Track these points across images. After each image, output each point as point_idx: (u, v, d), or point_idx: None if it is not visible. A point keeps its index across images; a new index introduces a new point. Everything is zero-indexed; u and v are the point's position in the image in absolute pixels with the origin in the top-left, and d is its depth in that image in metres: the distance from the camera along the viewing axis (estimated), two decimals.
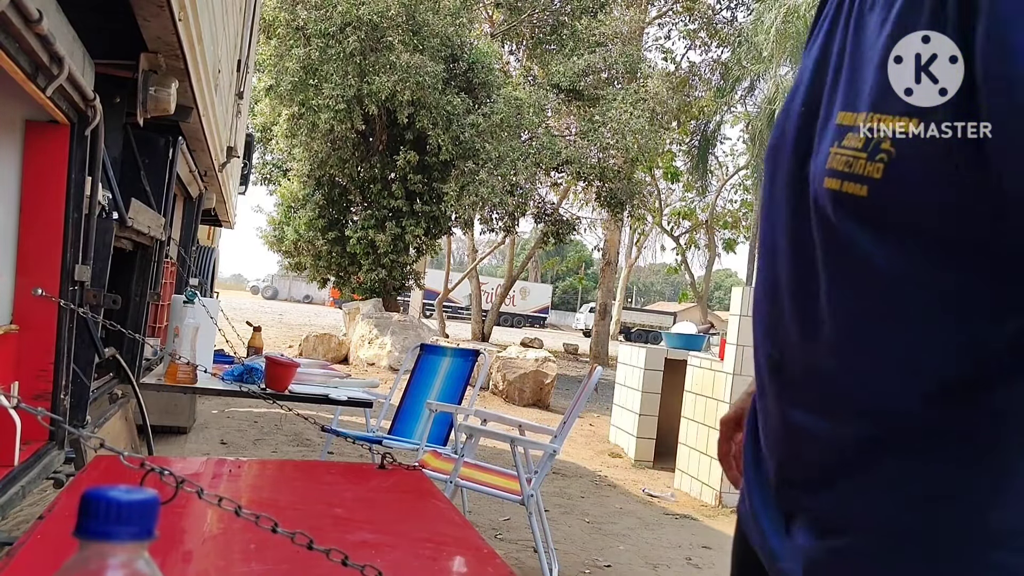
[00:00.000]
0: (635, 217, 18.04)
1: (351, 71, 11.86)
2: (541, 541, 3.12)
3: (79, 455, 1.85)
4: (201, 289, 4.15)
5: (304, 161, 13.76)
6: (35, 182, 1.66)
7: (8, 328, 1.63)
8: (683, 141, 21.28)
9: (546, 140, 14.09)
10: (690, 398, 5.83)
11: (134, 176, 2.63)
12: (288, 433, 6.04)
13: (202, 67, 2.36)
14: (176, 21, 1.79)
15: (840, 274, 0.67)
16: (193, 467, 1.64)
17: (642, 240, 30.16)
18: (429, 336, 11.83)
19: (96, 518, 0.48)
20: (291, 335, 14.79)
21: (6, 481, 1.44)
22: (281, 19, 12.15)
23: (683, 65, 20.68)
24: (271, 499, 1.43)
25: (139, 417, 2.87)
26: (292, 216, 14.73)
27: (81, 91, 1.57)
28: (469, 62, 13.45)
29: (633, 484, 5.71)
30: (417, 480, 1.60)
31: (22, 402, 1.02)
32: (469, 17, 14.09)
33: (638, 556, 3.89)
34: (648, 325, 35.04)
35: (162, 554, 1.04)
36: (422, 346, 4.40)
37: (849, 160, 0.64)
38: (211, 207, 4.97)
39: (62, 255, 1.68)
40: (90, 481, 1.35)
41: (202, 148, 3.32)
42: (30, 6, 1.13)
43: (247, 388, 2.79)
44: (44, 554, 0.96)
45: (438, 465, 3.33)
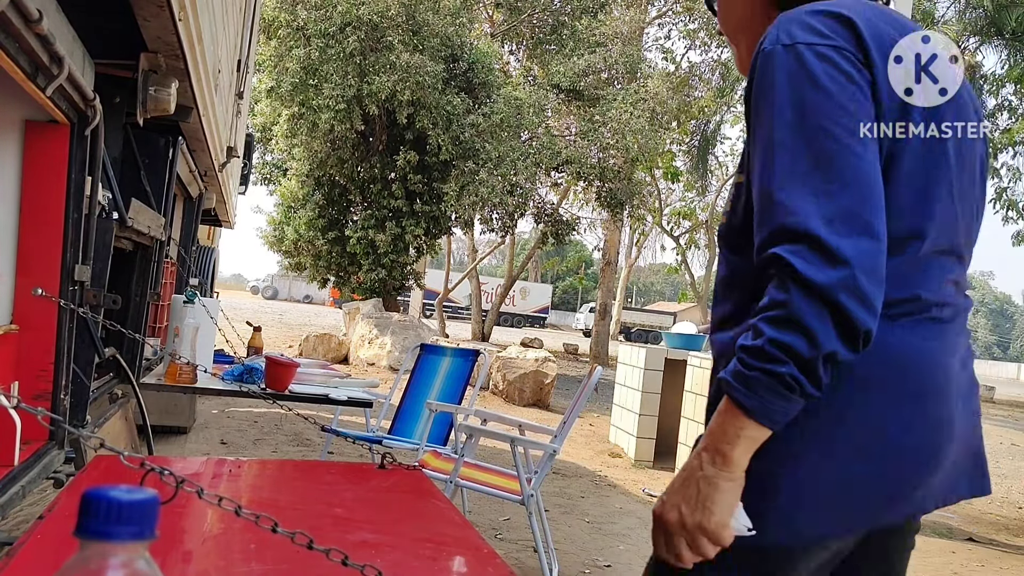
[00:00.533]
0: (635, 217, 18.04)
1: (351, 71, 11.86)
2: (541, 541, 3.12)
3: (79, 455, 1.85)
4: (201, 289, 4.16)
5: (304, 161, 13.77)
6: (35, 182, 1.66)
7: (8, 328, 1.63)
8: (683, 141, 21.28)
9: (546, 140, 14.09)
10: (690, 398, 5.83)
11: (134, 176, 2.63)
12: (288, 433, 6.04)
13: (202, 67, 2.36)
14: (176, 21, 1.79)
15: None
16: (193, 467, 1.64)
17: (642, 240, 30.17)
18: (429, 336, 11.83)
19: (96, 518, 0.48)
20: (291, 335, 14.79)
21: (6, 481, 1.45)
22: (281, 19, 12.15)
23: (683, 65, 20.67)
24: (271, 499, 1.43)
25: (139, 417, 2.87)
26: (292, 216, 14.73)
27: (81, 91, 1.57)
28: (469, 62, 13.45)
29: (633, 484, 5.71)
30: (417, 480, 1.60)
31: (22, 402, 1.02)
32: (469, 17, 14.10)
33: (638, 556, 3.89)
34: (648, 325, 35.05)
35: (162, 554, 1.04)
36: (422, 346, 4.40)
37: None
38: (211, 207, 4.97)
39: (62, 255, 1.68)
40: (90, 481, 1.35)
41: (202, 148, 3.32)
42: (30, 6, 1.13)
43: (247, 388, 2.79)
44: (44, 554, 0.96)
45: (438, 465, 3.33)
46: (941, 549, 4.74)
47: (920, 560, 4.41)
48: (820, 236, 0.90)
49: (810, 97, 0.97)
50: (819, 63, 0.98)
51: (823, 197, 0.93)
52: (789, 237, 0.92)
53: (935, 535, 5.11)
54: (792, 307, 0.90)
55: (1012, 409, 19.00)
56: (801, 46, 0.99)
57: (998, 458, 9.93)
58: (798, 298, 0.90)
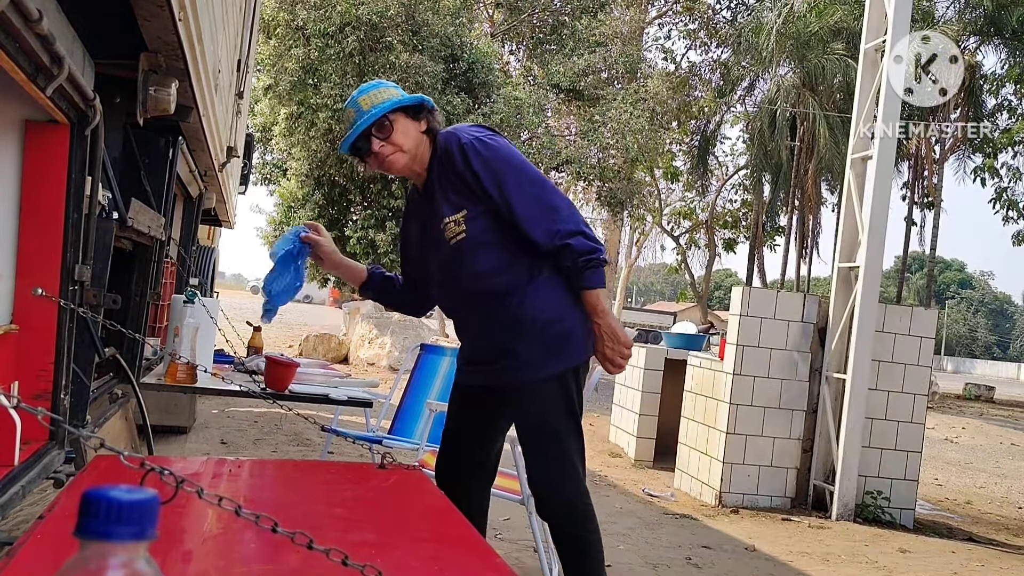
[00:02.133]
0: (635, 217, 18.06)
1: (350, 71, 11.86)
2: (541, 541, 3.11)
3: (79, 455, 1.85)
4: (201, 289, 4.15)
5: (303, 161, 13.76)
6: (35, 182, 1.66)
7: (8, 328, 1.63)
8: (683, 141, 21.28)
9: (546, 140, 14.09)
10: (690, 398, 5.83)
11: (134, 176, 2.63)
12: (288, 433, 6.04)
13: (202, 67, 2.36)
14: (176, 21, 1.79)
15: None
16: (193, 467, 1.64)
17: (642, 240, 30.14)
18: (429, 336, 11.83)
19: (96, 518, 0.48)
20: (291, 335, 14.79)
21: (6, 481, 1.44)
22: (280, 19, 12.15)
23: (683, 65, 20.67)
24: (271, 499, 1.43)
25: (139, 417, 2.87)
26: (292, 216, 14.73)
27: (81, 91, 1.57)
28: (469, 62, 13.45)
29: (633, 484, 5.71)
30: (417, 480, 1.60)
31: (22, 402, 1.02)
32: (469, 17, 14.09)
33: (638, 556, 3.89)
34: (648, 325, 35.04)
35: (162, 554, 1.04)
36: (422, 346, 4.40)
37: None
38: (211, 207, 4.97)
39: (62, 255, 1.68)
40: (90, 481, 1.35)
41: (202, 148, 3.32)
42: (30, 6, 1.13)
43: (247, 388, 2.79)
44: (44, 554, 0.96)
45: None
46: (941, 549, 4.74)
47: (920, 560, 4.41)
48: (584, 230, 2.06)
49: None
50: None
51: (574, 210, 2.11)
52: (573, 232, 2.03)
53: (935, 535, 5.11)
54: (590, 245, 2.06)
55: (1012, 409, 18.99)
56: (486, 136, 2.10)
57: (998, 458, 9.93)
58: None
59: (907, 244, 21.09)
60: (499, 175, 2.00)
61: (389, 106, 2.04)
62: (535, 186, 2.03)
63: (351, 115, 2.08)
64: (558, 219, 2.00)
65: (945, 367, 54.98)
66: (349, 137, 2.06)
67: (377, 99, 2.05)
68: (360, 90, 2.11)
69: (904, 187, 20.98)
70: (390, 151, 2.05)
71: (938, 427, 11.95)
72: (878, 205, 5.32)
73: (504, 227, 2.04)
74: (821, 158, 18.52)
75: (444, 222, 2.06)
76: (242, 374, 3.15)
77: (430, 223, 2.12)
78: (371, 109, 2.03)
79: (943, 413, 14.69)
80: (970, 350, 67.83)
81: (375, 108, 2.03)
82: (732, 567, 3.84)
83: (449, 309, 2.27)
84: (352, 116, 2.07)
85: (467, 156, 2.01)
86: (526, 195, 2.00)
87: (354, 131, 2.04)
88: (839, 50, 17.94)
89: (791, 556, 4.17)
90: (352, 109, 2.08)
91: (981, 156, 19.89)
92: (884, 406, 5.40)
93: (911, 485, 5.40)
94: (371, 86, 2.12)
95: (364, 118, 2.03)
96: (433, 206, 2.11)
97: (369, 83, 2.16)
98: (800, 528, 4.85)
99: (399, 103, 2.05)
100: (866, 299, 5.26)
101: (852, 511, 5.15)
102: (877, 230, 5.32)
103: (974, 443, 11.11)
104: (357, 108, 2.06)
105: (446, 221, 2.05)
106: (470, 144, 2.02)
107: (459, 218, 2.04)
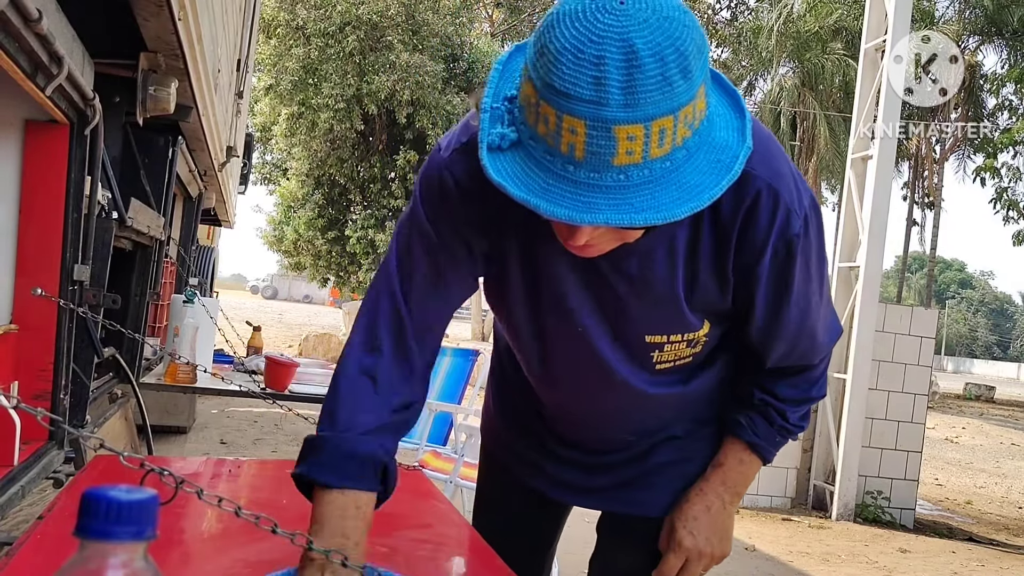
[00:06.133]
0: None
1: (350, 70, 11.86)
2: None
3: (79, 455, 1.85)
4: (201, 289, 4.15)
5: (303, 160, 13.76)
6: (35, 182, 1.66)
7: (8, 328, 1.63)
8: None
9: None
10: None
11: (134, 176, 2.63)
12: (288, 433, 6.04)
13: (202, 67, 2.36)
14: (176, 20, 1.79)
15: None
16: (193, 467, 1.64)
17: None
18: None
19: (96, 518, 0.48)
20: (291, 335, 14.78)
21: (6, 481, 1.44)
22: (281, 19, 12.15)
23: None
24: (271, 499, 1.43)
25: (139, 417, 2.87)
26: (292, 216, 14.73)
27: (81, 91, 1.57)
28: (469, 62, 13.45)
29: None
30: (417, 480, 1.60)
31: (22, 402, 1.02)
32: (469, 17, 14.10)
33: None
34: None
35: (162, 554, 1.04)
36: None
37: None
38: (211, 207, 4.97)
39: (61, 255, 1.68)
40: (90, 481, 1.35)
41: (202, 148, 3.32)
42: (30, 5, 1.13)
43: (247, 388, 2.79)
44: (44, 554, 0.96)
45: (438, 465, 3.33)
46: (941, 549, 4.74)
47: (920, 560, 4.41)
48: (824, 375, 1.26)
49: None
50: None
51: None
52: (819, 380, 1.23)
53: (935, 535, 5.11)
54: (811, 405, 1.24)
55: (1012, 409, 18.99)
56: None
57: (998, 458, 9.93)
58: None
59: (907, 244, 21.10)
60: (789, 277, 1.03)
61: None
62: (815, 297, 1.10)
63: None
64: (813, 353, 1.15)
65: (945, 367, 54.93)
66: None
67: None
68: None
69: (904, 187, 21.00)
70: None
71: (938, 427, 11.94)
72: (878, 205, 5.32)
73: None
74: (821, 158, 18.53)
75: (666, 341, 1.09)
76: (242, 374, 3.14)
77: (613, 309, 1.07)
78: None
79: (943, 413, 14.69)
80: (970, 350, 67.79)
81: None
82: (732, 567, 3.84)
83: (568, 401, 1.25)
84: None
85: (789, 238, 1.00)
86: (799, 310, 1.07)
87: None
88: (839, 50, 17.96)
89: (791, 556, 4.17)
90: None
91: (982, 156, 19.89)
92: (884, 406, 5.39)
93: (911, 485, 5.40)
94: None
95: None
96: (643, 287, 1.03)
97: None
98: (800, 528, 4.85)
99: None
100: (866, 299, 5.26)
101: (852, 511, 5.15)
102: (877, 230, 5.32)
103: (974, 443, 11.11)
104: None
105: (673, 340, 1.09)
106: (806, 216, 1.01)
107: (699, 336, 1.10)
